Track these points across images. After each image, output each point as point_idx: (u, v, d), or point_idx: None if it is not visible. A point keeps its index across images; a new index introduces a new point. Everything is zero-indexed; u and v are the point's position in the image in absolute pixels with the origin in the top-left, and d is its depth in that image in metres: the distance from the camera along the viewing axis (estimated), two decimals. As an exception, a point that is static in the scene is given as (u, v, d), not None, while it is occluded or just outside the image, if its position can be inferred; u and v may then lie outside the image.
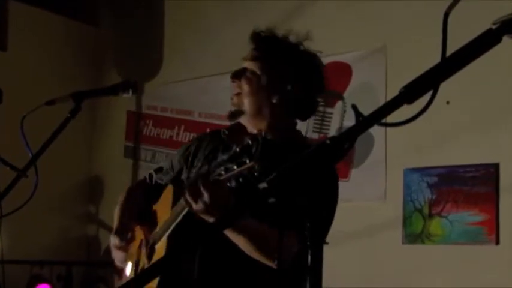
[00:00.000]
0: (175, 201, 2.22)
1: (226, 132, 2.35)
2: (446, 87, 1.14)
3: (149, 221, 2.42)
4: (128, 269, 2.54)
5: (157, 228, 2.33)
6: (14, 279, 4.38)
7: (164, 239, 2.21)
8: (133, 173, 5.42)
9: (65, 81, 5.23)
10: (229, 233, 2.02)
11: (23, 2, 5.25)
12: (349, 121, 4.35)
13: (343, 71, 4.44)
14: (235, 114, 2.32)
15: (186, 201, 1.96)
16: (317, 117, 4.51)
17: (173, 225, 2.14)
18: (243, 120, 2.33)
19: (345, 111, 4.41)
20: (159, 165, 2.63)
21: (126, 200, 2.57)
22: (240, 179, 1.83)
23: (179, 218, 2.10)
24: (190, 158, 2.44)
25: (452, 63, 1.05)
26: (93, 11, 5.78)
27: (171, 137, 5.28)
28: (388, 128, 4.06)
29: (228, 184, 1.89)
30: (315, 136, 4.46)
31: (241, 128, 2.34)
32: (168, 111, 5.36)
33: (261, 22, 4.72)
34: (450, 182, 3.93)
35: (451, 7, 1.07)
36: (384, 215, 4.16)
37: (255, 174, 1.76)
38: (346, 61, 4.43)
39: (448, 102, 3.90)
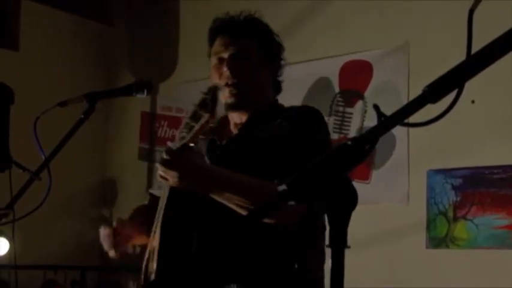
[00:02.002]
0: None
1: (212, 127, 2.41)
2: (471, 86, 1.13)
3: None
4: None
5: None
6: (27, 285, 4.42)
7: (158, 230, 2.19)
8: (148, 175, 5.44)
9: (78, 82, 5.26)
10: (218, 195, 2.04)
11: (35, 1, 5.29)
12: (370, 121, 4.34)
13: (364, 69, 4.43)
14: (237, 106, 2.31)
15: (160, 176, 2.04)
16: (337, 117, 4.50)
17: (161, 213, 2.15)
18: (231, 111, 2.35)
19: (365, 111, 4.40)
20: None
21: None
22: (218, 151, 1.98)
23: (164, 204, 2.13)
24: None
25: (477, 62, 1.04)
26: (106, 9, 5.81)
27: (186, 138, 5.30)
28: (411, 129, 4.05)
29: (194, 144, 1.98)
30: (335, 137, 4.46)
31: (224, 123, 2.38)
32: (184, 112, 5.37)
33: (279, 20, 4.74)
34: (475, 183, 3.91)
35: (476, 3, 1.07)
36: (406, 218, 4.15)
37: (211, 125, 1.89)
38: (367, 59, 4.43)
39: (473, 102, 3.88)
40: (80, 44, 5.63)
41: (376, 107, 1.07)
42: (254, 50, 2.31)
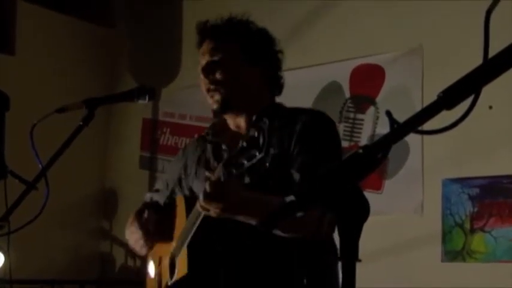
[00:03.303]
0: (188, 210, 2.30)
1: (210, 132, 2.50)
2: (488, 91, 1.13)
3: (166, 236, 2.49)
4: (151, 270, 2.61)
5: (174, 242, 2.40)
6: (22, 300, 4.42)
7: (184, 249, 2.27)
8: (150, 185, 5.44)
9: (76, 87, 5.27)
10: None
11: (32, 3, 5.30)
12: (382, 128, 4.33)
13: (376, 73, 4.43)
14: (220, 112, 2.41)
15: (202, 207, 2.07)
16: (347, 124, 4.50)
17: (191, 234, 2.21)
18: (227, 115, 2.44)
19: (377, 118, 4.39)
20: (154, 188, 2.78)
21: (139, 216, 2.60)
22: (253, 173, 1.94)
23: (196, 226, 2.18)
24: (182, 172, 2.57)
25: (495, 65, 1.04)
26: (106, 10, 5.82)
27: (190, 146, 5.30)
28: (425, 136, 4.04)
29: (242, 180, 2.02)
30: (345, 144, 4.45)
31: (224, 124, 2.47)
32: (187, 118, 5.38)
33: (287, 22, 4.75)
34: (493, 193, 3.90)
35: (493, 4, 1.07)
36: (420, 230, 4.13)
37: (266, 165, 1.90)
38: (379, 63, 4.42)
39: (490, 107, 3.87)
40: (79, 47, 5.64)
41: (388, 114, 1.07)
42: (236, 52, 2.38)
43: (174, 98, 5.45)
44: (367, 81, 4.48)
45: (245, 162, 1.89)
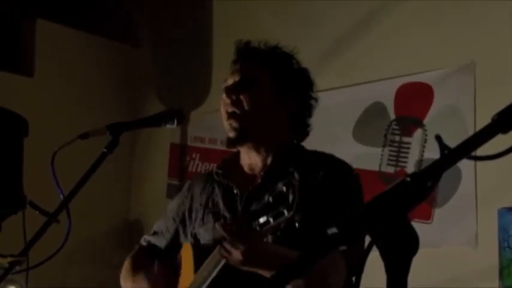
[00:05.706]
0: (196, 260, 2.27)
1: (220, 172, 2.44)
2: (548, 112, 1.12)
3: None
4: None
5: None
6: None
7: None
8: (178, 215, 5.46)
9: (100, 111, 5.31)
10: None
11: (52, 21, 5.35)
12: (431, 152, 4.30)
13: (424, 93, 4.41)
14: (236, 141, 2.37)
15: (224, 249, 2.03)
16: (392, 148, 4.48)
17: (207, 284, 2.17)
18: (242, 148, 2.40)
19: (425, 141, 4.37)
20: (153, 230, 2.73)
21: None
22: (278, 233, 1.87)
23: (212, 276, 2.13)
24: (186, 214, 2.54)
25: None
26: (131, 28, 5.88)
27: (221, 173, 5.31)
28: (479, 161, 4.01)
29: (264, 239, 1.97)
30: (391, 170, 4.43)
31: (235, 161, 2.43)
32: (218, 143, 5.39)
33: (327, 37, 4.74)
34: (555, 224, 3.86)
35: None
36: (475, 264, 4.09)
37: (296, 225, 1.82)
38: (427, 81, 4.41)
39: (550, 129, 3.84)
40: (102, 68, 5.69)
41: (438, 138, 1.07)
42: (264, 79, 2.36)
43: (204, 122, 5.47)
44: (414, 101, 4.46)
45: (271, 220, 1.83)
